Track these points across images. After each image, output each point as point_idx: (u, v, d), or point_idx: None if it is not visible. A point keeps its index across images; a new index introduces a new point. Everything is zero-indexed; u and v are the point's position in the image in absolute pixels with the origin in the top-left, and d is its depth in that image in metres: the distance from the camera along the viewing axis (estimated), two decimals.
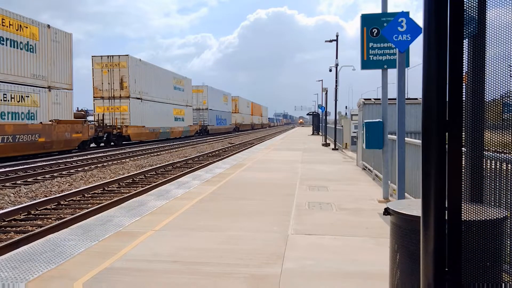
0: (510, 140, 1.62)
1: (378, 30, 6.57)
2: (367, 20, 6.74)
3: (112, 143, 29.31)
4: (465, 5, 1.62)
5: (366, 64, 6.72)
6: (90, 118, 30.27)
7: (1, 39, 18.06)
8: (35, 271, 3.84)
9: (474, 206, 1.62)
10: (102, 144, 28.91)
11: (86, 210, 8.05)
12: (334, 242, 4.85)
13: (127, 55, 30.64)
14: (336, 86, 21.04)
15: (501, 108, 1.67)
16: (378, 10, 6.67)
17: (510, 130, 1.59)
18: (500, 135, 1.66)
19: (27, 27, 19.75)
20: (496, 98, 1.65)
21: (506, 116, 1.70)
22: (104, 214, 6.30)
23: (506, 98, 1.66)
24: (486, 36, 1.63)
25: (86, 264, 4.04)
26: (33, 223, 7.43)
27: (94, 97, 30.58)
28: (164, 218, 5.93)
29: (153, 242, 4.82)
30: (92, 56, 30.47)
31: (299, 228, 5.43)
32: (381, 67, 6.71)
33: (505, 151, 1.65)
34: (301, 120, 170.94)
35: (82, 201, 9.53)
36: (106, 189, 11.03)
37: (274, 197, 7.64)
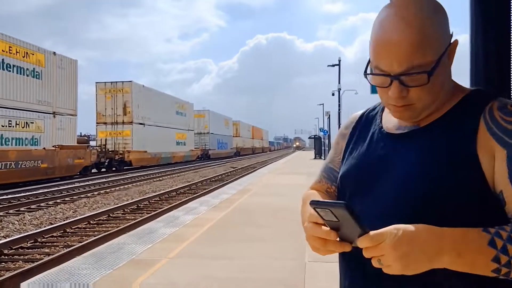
0: None
1: None
2: None
3: (114, 169, 29.19)
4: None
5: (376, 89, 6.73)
6: (92, 143, 30.29)
7: (8, 66, 18.23)
8: None
9: None
10: (103, 170, 28.80)
11: (94, 238, 7.93)
12: None
13: (131, 81, 30.92)
14: (339, 110, 21.16)
15: None
16: None
17: None
18: None
19: (33, 54, 19.96)
20: None
21: None
22: (115, 242, 6.20)
23: None
24: None
25: None
26: (41, 251, 7.30)
27: (97, 123, 30.68)
28: (176, 246, 5.83)
29: (169, 270, 4.72)
30: (96, 83, 30.77)
31: (315, 255, 5.31)
32: None
33: None
34: (297, 143, 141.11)
35: (88, 228, 9.41)
36: (111, 215, 10.92)
37: (286, 223, 7.54)
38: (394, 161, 0.94)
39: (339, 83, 21.48)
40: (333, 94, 23.17)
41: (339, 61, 21.75)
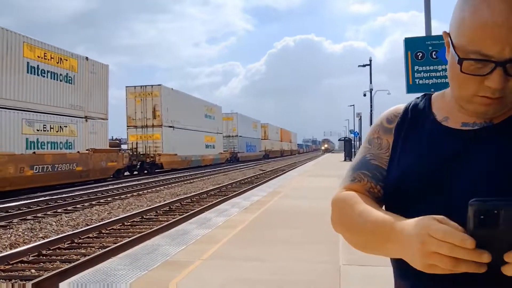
0: None
1: (423, 53, 6.44)
2: (411, 44, 6.63)
3: (145, 171, 29.69)
4: None
5: (412, 88, 6.57)
6: (123, 146, 30.89)
7: (43, 71, 18.83)
8: None
9: None
10: (135, 172, 29.33)
11: (129, 239, 8.05)
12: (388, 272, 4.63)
13: (160, 85, 31.38)
14: (371, 110, 20.83)
15: None
16: (406, 35, 6.62)
17: None
18: None
19: (66, 60, 20.56)
20: None
21: None
22: (149, 243, 6.28)
23: None
24: None
25: None
26: (77, 252, 7.48)
27: (127, 126, 31.27)
28: (209, 247, 5.85)
29: (203, 271, 4.73)
30: (126, 87, 31.35)
31: (350, 258, 5.23)
32: (428, 91, 6.53)
33: None
34: (326, 145, 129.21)
35: (122, 230, 9.58)
36: (144, 217, 11.08)
37: (318, 225, 7.45)
38: (468, 160, 0.86)
39: (370, 83, 21.16)
40: (364, 95, 22.81)
41: (370, 61, 21.42)
